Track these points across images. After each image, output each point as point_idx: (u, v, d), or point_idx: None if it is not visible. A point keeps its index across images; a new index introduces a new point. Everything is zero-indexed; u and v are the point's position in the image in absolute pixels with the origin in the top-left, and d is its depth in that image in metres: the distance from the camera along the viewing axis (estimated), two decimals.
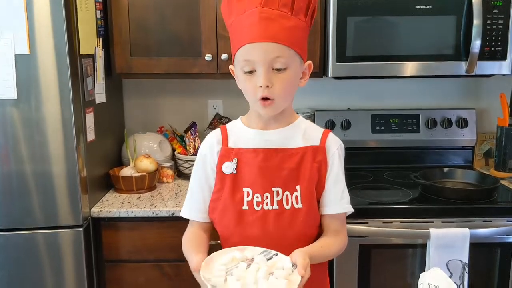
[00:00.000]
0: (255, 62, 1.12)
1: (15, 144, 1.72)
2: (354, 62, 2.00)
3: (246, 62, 1.13)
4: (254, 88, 1.13)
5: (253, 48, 1.11)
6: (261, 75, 1.11)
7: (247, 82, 1.15)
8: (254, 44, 1.11)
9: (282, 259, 1.08)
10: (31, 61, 1.67)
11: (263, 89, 1.12)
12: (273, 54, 1.10)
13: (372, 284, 1.87)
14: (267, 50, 1.10)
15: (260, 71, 1.12)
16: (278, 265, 1.06)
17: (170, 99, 2.44)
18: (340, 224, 1.24)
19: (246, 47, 1.12)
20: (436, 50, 2.00)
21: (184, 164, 2.22)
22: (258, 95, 1.13)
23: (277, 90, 1.13)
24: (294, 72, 1.15)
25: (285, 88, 1.14)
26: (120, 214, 1.85)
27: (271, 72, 1.12)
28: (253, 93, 1.14)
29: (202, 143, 1.30)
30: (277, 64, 1.12)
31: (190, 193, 1.29)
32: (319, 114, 2.34)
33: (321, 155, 1.22)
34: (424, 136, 2.33)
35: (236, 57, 1.16)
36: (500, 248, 1.84)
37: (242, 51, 1.13)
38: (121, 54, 2.04)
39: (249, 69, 1.13)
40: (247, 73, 1.14)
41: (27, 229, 1.77)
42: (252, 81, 1.13)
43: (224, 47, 2.02)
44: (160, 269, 1.90)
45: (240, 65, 1.15)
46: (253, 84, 1.13)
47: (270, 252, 1.10)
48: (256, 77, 1.12)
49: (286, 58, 1.12)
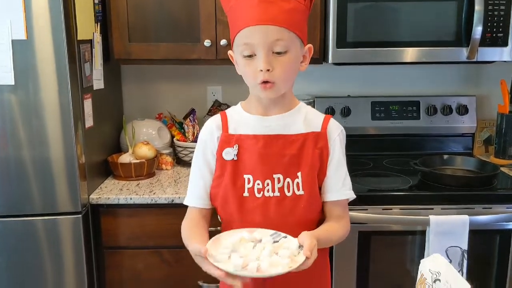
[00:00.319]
0: (254, 46, 1.10)
1: (13, 131, 1.71)
2: (354, 48, 1.99)
3: (245, 45, 1.11)
4: (254, 72, 1.12)
5: (252, 31, 1.09)
6: (261, 59, 1.10)
7: (247, 66, 1.13)
8: (253, 27, 1.09)
9: (289, 240, 1.08)
10: (28, 47, 1.65)
11: (263, 72, 1.10)
12: (273, 37, 1.09)
13: (371, 270, 1.87)
14: (267, 32, 1.09)
15: (260, 55, 1.10)
16: (284, 246, 1.06)
17: (169, 85, 2.42)
18: (342, 210, 1.24)
19: (245, 30, 1.10)
20: (437, 36, 1.98)
21: (183, 151, 2.21)
22: (258, 79, 1.12)
23: (277, 73, 1.11)
24: (294, 56, 1.14)
25: (286, 72, 1.13)
26: (119, 201, 1.84)
27: (271, 55, 1.11)
28: (253, 77, 1.13)
29: (202, 129, 1.28)
30: (277, 47, 1.10)
31: (190, 180, 1.28)
32: (319, 101, 2.33)
33: (322, 141, 1.21)
34: (424, 123, 2.33)
35: (235, 42, 1.15)
36: (499, 235, 1.84)
37: (241, 34, 1.11)
38: (119, 39, 2.02)
39: (249, 53, 1.12)
40: (247, 57, 1.12)
41: (26, 215, 1.77)
42: (252, 65, 1.12)
43: (223, 32, 2.00)
44: (160, 255, 1.90)
45: (239, 49, 1.13)
46: (253, 68, 1.12)
47: (280, 235, 1.10)
48: (256, 60, 1.11)
49: (286, 41, 1.10)
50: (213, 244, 1.08)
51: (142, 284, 1.92)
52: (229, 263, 1.02)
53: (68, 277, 1.82)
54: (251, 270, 0.99)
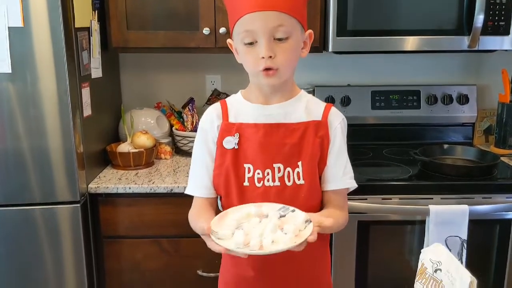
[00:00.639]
0: (256, 32, 1.09)
1: (10, 119, 1.69)
2: (355, 37, 1.97)
3: (246, 33, 1.10)
4: (255, 59, 1.11)
5: (253, 18, 1.08)
6: (263, 46, 1.08)
7: (248, 54, 1.12)
8: (254, 13, 1.08)
9: (296, 215, 1.07)
10: (25, 34, 1.63)
11: (265, 59, 1.09)
12: (275, 23, 1.07)
13: (370, 260, 1.87)
14: (268, 19, 1.07)
15: (261, 42, 1.09)
16: (290, 221, 1.05)
17: (167, 74, 2.41)
18: (342, 200, 1.23)
19: (245, 17, 1.09)
20: (438, 25, 1.97)
21: (182, 141, 2.20)
22: (260, 66, 1.10)
23: (280, 60, 1.10)
24: (296, 42, 1.12)
25: (288, 58, 1.12)
26: (118, 190, 1.83)
27: (272, 42, 1.09)
28: (255, 64, 1.11)
29: (202, 117, 1.27)
30: (279, 33, 1.09)
31: (193, 169, 1.27)
32: (319, 90, 2.32)
33: (323, 130, 1.20)
34: (424, 113, 2.32)
35: (235, 29, 1.13)
36: (499, 224, 1.84)
37: (241, 22, 1.10)
38: (117, 27, 2.00)
39: (250, 40, 1.10)
40: (248, 45, 1.11)
41: (25, 204, 1.76)
42: (253, 53, 1.11)
43: (222, 20, 1.98)
44: (159, 245, 1.90)
45: (239, 37, 1.12)
46: (254, 56, 1.10)
47: (288, 209, 1.10)
48: (258, 48, 1.10)
49: (287, 27, 1.09)
50: (220, 220, 1.08)
51: (141, 274, 1.92)
52: (231, 240, 1.02)
53: (67, 267, 1.82)
54: (252, 247, 0.99)
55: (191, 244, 1.87)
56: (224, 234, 1.04)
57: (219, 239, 1.02)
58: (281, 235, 1.01)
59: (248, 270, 1.18)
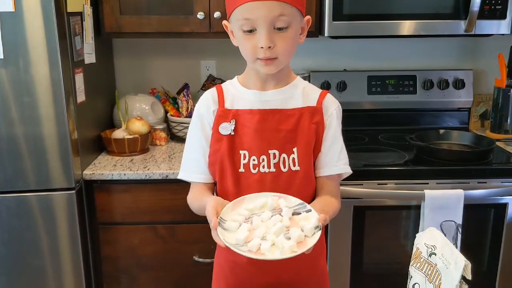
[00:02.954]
0: (256, 21, 1.07)
1: (4, 106, 1.67)
2: (351, 21, 1.95)
3: (246, 20, 1.08)
4: (254, 48, 1.09)
5: (254, 6, 1.06)
6: (263, 36, 1.07)
7: (246, 41, 1.10)
8: (255, 2, 1.05)
9: (310, 216, 1.05)
10: (17, 19, 1.60)
11: (264, 50, 1.08)
12: (276, 12, 1.06)
13: (365, 245, 1.88)
14: (270, 8, 1.05)
15: (261, 31, 1.07)
16: (301, 224, 1.04)
17: (161, 59, 2.38)
18: (335, 186, 1.23)
19: (247, 5, 1.06)
20: (434, 9, 1.95)
21: (177, 127, 2.19)
22: (259, 55, 1.09)
23: (279, 49, 1.09)
24: (295, 30, 1.11)
25: (288, 47, 1.11)
26: (113, 177, 1.83)
27: (272, 31, 1.08)
28: (253, 52, 1.10)
29: (198, 102, 1.26)
30: (280, 22, 1.07)
31: (188, 154, 1.26)
32: (315, 75, 2.31)
33: (318, 116, 1.19)
34: (421, 98, 2.31)
35: (234, 14, 1.11)
36: (494, 209, 1.85)
37: (242, 8, 1.07)
38: (110, 12, 1.98)
39: (249, 27, 1.08)
40: (247, 32, 1.09)
41: (20, 191, 1.75)
42: (252, 41, 1.09)
43: (217, 4, 1.95)
44: (154, 231, 1.90)
45: (238, 23, 1.10)
46: (253, 44, 1.09)
47: (305, 207, 1.08)
48: (257, 36, 1.08)
49: (288, 16, 1.07)
50: (234, 207, 1.08)
51: (137, 260, 1.93)
52: (233, 234, 1.01)
53: (63, 253, 1.82)
54: (251, 248, 0.99)
55: (187, 230, 1.87)
56: (230, 226, 1.03)
57: (225, 229, 1.02)
58: (283, 241, 1.00)
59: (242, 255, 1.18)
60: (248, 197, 1.11)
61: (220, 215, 1.05)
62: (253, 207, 1.08)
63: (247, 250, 0.99)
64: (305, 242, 1.00)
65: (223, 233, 1.01)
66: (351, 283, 1.90)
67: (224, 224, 1.04)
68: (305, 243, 1.00)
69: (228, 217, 1.06)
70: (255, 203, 1.09)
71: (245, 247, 0.99)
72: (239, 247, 0.99)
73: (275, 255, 0.98)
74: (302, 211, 1.07)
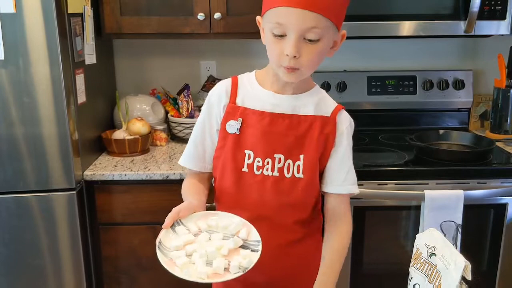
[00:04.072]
0: (287, 27, 1.03)
1: (4, 106, 1.68)
2: (350, 22, 1.94)
3: (277, 24, 1.04)
4: (280, 53, 1.06)
5: (288, 12, 1.02)
6: (291, 44, 1.04)
7: (274, 44, 1.07)
8: (290, 8, 1.02)
9: (251, 256, 1.01)
10: (18, 20, 1.61)
11: (289, 58, 1.05)
12: (309, 24, 1.02)
13: (365, 245, 1.88)
14: (304, 18, 1.02)
15: (290, 39, 1.04)
16: (235, 257, 1.00)
17: (162, 60, 2.39)
18: (343, 206, 1.22)
19: (281, 9, 1.03)
20: (434, 10, 1.96)
21: (178, 127, 2.19)
22: (283, 62, 1.06)
23: (304, 61, 1.06)
24: (325, 44, 1.08)
25: (313, 60, 1.07)
26: (114, 177, 1.83)
27: (302, 41, 1.04)
28: (278, 58, 1.07)
29: (212, 91, 1.24)
30: (311, 34, 1.04)
31: (191, 141, 1.25)
32: (315, 75, 2.24)
33: (330, 127, 1.17)
34: (420, 98, 2.31)
35: (267, 15, 1.08)
36: (493, 209, 1.85)
37: (276, 11, 1.04)
38: (110, 13, 1.98)
39: (279, 32, 1.05)
40: (277, 36, 1.06)
41: (20, 192, 1.75)
42: (279, 46, 1.06)
43: (217, 5, 1.95)
44: (155, 231, 1.89)
45: (270, 25, 1.07)
46: (279, 50, 1.06)
47: (258, 245, 1.03)
48: (285, 43, 1.05)
49: (321, 29, 1.04)
50: (203, 216, 1.10)
51: (137, 260, 1.93)
52: (174, 239, 1.05)
53: (63, 254, 1.82)
54: (171, 255, 1.03)
55: None
56: (179, 230, 1.07)
57: (174, 231, 1.06)
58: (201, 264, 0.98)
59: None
60: (220, 214, 1.11)
61: (182, 219, 1.07)
62: (215, 224, 1.08)
63: (165, 256, 1.02)
64: (221, 275, 0.98)
65: (167, 233, 1.05)
66: (351, 283, 1.90)
67: (177, 227, 1.06)
68: (220, 276, 0.98)
69: (187, 223, 1.07)
70: (222, 222, 1.08)
71: (169, 253, 1.02)
72: (162, 249, 1.02)
73: (175, 271, 0.98)
74: (251, 248, 1.04)
